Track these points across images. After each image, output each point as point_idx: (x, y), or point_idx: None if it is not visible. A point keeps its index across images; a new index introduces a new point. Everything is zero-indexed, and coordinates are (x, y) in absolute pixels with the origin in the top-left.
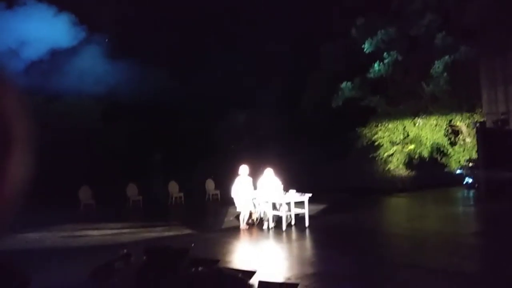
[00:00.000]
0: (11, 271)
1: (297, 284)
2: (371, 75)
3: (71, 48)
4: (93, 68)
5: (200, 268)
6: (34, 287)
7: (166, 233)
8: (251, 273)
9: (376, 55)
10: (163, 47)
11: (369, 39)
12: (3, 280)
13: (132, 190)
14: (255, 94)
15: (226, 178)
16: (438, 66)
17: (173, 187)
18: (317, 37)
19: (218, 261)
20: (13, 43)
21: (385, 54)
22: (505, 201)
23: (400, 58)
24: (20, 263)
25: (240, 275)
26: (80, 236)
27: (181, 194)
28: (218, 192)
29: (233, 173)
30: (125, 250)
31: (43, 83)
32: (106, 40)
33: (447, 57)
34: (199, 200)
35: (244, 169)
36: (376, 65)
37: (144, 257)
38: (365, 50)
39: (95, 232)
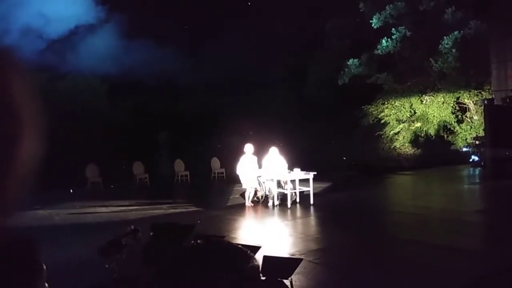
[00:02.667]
0: (30, 251)
1: (301, 260)
2: (379, 51)
3: (85, 27)
4: (102, 47)
5: (199, 241)
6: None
7: (172, 210)
8: (256, 248)
9: (384, 31)
10: (171, 26)
11: (377, 14)
12: (21, 260)
13: (138, 168)
14: (261, 72)
15: (231, 156)
16: (447, 42)
17: (179, 166)
18: (324, 13)
19: (223, 237)
20: (34, 21)
21: (393, 30)
22: (511, 180)
23: (408, 34)
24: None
25: (244, 248)
26: (88, 213)
27: (187, 173)
28: (223, 170)
29: (238, 152)
30: (132, 226)
31: (56, 62)
32: (122, 20)
33: (456, 32)
34: (204, 178)
35: (249, 148)
36: (384, 41)
37: (151, 233)
38: (373, 25)
39: (102, 209)
